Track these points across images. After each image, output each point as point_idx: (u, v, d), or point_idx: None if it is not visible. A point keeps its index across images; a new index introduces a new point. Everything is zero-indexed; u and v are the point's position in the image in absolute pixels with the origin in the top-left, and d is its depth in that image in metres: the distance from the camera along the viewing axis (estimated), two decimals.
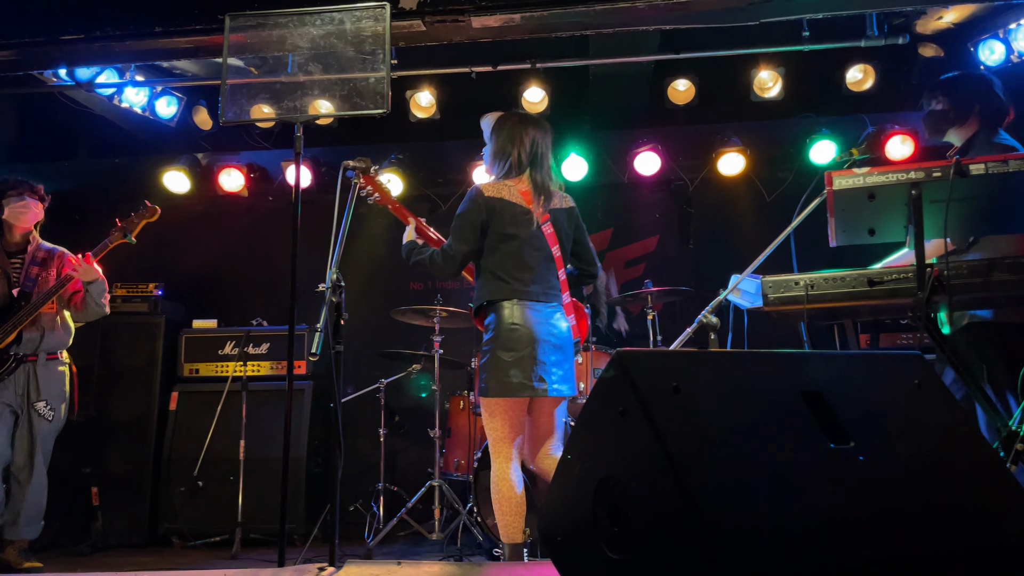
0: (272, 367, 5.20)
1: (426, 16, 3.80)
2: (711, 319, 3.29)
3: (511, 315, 3.11)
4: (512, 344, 3.07)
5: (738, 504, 1.53)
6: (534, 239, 3.23)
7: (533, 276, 3.19)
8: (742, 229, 6.02)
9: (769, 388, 1.80)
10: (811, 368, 1.92)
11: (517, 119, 3.39)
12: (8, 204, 4.07)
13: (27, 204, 4.09)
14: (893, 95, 5.37)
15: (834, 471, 1.68)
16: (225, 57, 3.48)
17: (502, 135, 3.35)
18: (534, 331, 3.10)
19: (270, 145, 6.19)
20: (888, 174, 2.63)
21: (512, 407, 3.11)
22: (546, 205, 3.28)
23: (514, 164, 3.30)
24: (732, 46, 4.80)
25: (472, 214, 3.20)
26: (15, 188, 4.08)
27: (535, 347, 3.08)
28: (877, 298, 2.69)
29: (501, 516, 3.09)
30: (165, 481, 4.96)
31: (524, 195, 3.26)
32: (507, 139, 3.33)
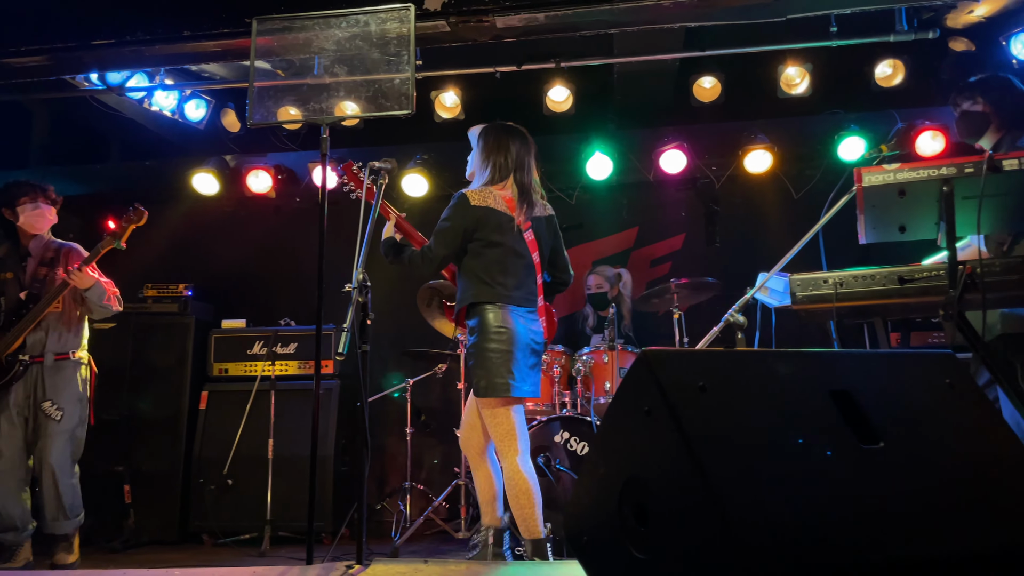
0: (300, 367, 5.25)
1: (450, 17, 3.81)
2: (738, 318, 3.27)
3: (496, 318, 3.21)
4: (499, 345, 3.18)
5: (765, 505, 1.52)
6: (517, 245, 3.35)
7: (516, 282, 3.31)
8: (769, 227, 5.96)
9: (797, 387, 1.78)
10: (840, 367, 1.90)
11: (502, 129, 3.52)
12: (23, 211, 4.08)
13: (42, 212, 4.10)
14: (923, 90, 5.30)
15: (863, 472, 1.67)
16: (252, 60, 3.51)
17: (488, 144, 3.47)
18: (517, 335, 3.22)
19: (297, 147, 6.25)
20: (919, 170, 2.60)
21: (511, 402, 3.21)
22: (528, 213, 3.40)
23: (499, 171, 3.41)
24: (758, 42, 4.76)
25: (458, 220, 3.28)
26: (28, 194, 4.08)
27: (517, 350, 3.21)
28: (908, 296, 2.66)
29: (520, 511, 3.15)
30: (195, 479, 5.02)
31: (508, 202, 3.37)
32: (492, 147, 3.45)
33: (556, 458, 4.11)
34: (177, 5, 4.06)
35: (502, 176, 3.41)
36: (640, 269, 6.13)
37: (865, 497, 1.62)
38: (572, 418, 4.22)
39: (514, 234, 3.34)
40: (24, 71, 4.35)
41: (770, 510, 1.51)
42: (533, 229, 3.42)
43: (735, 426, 1.65)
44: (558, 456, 4.12)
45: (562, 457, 4.12)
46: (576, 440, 4.14)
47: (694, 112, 5.56)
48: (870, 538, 1.55)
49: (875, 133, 5.37)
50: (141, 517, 4.93)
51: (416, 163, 5.87)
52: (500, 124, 3.55)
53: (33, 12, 4.18)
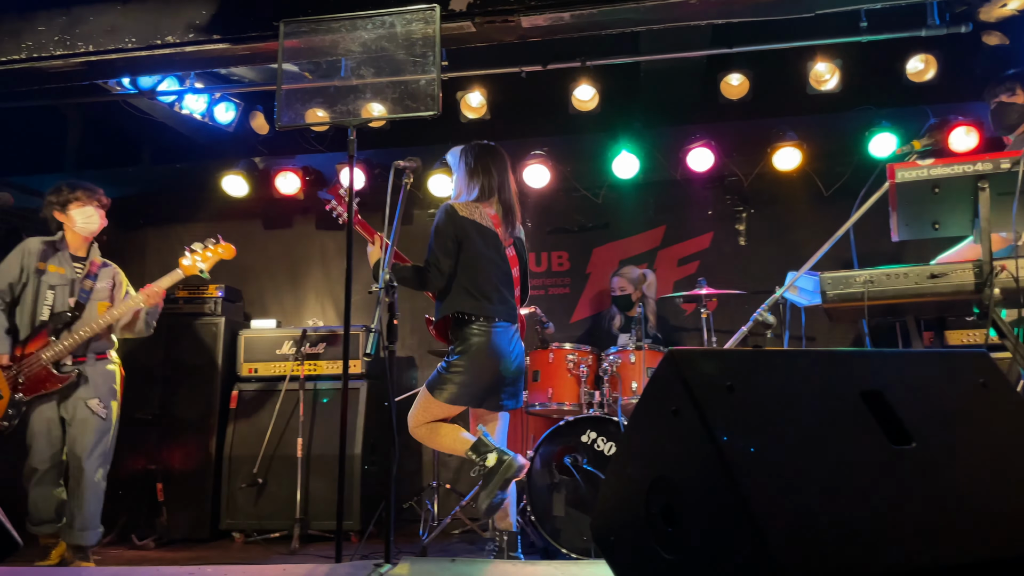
0: (328, 366, 5.28)
1: (476, 17, 3.81)
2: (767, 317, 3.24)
3: (480, 331, 3.33)
4: (482, 359, 3.31)
5: (794, 506, 1.50)
6: (501, 261, 3.48)
7: (500, 296, 3.42)
8: (799, 225, 5.90)
9: (826, 387, 1.76)
10: (870, 367, 1.87)
11: (483, 150, 3.60)
12: (77, 212, 4.11)
13: (93, 215, 4.15)
14: (956, 85, 5.21)
15: (895, 473, 1.64)
16: (280, 63, 3.54)
17: (471, 165, 3.56)
18: (500, 349, 3.35)
19: (324, 148, 6.30)
20: (953, 166, 2.56)
21: (453, 410, 3.37)
22: (511, 231, 3.53)
23: (484, 189, 3.51)
24: (787, 38, 4.70)
25: (449, 229, 3.38)
26: (83, 198, 4.13)
27: (499, 364, 3.35)
28: (941, 294, 2.61)
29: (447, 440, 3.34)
30: (226, 478, 5.07)
31: (493, 219, 3.47)
32: (476, 168, 3.54)
33: (583, 458, 4.10)
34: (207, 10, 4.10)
35: (489, 195, 3.52)
36: (667, 268, 6.09)
37: (897, 498, 1.60)
38: (599, 418, 4.21)
39: (499, 249, 3.47)
40: (59, 76, 4.42)
41: (799, 511, 1.50)
42: (514, 245, 3.58)
43: (763, 426, 1.64)
44: (585, 456, 4.11)
45: (589, 457, 4.11)
46: (603, 440, 4.13)
47: (722, 109, 5.51)
48: (901, 541, 1.53)
49: (907, 129, 5.29)
50: (173, 515, 4.99)
51: (442, 164, 5.89)
52: (480, 144, 3.64)
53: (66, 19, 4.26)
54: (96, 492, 3.99)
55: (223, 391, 5.30)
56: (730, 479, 1.50)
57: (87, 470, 3.94)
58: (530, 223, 6.31)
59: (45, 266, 4.06)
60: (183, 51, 4.16)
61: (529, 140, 5.99)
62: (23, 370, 3.91)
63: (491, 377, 3.35)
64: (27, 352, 3.94)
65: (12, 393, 3.89)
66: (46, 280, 4.04)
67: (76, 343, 3.96)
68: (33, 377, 3.91)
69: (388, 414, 3.02)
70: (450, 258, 3.35)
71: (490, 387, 3.37)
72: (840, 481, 1.58)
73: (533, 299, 6.07)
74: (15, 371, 3.90)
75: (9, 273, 4.02)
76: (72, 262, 4.14)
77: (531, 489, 4.14)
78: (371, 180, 5.98)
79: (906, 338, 3.63)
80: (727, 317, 5.75)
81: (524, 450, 4.65)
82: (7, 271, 4.03)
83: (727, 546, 1.53)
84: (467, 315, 3.33)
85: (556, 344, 4.59)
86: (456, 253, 3.36)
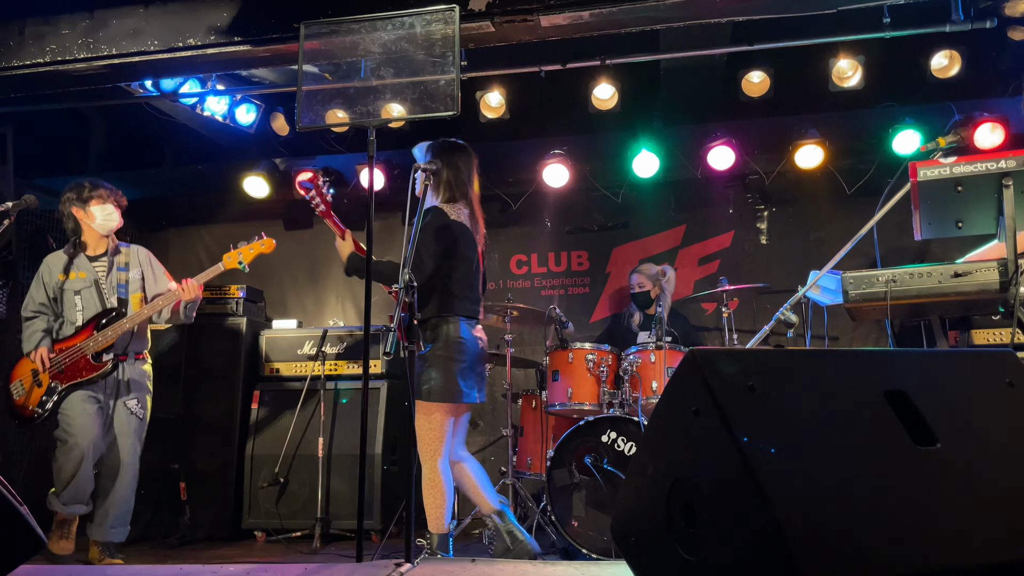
0: (349, 366, 5.31)
1: (495, 17, 3.81)
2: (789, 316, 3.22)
3: (459, 329, 3.45)
4: (461, 355, 3.44)
5: (816, 507, 1.49)
6: (476, 261, 3.62)
7: (475, 295, 3.59)
8: (821, 223, 5.86)
9: (849, 387, 1.75)
10: (894, 367, 1.85)
11: (453, 147, 3.67)
12: (98, 209, 4.16)
13: (113, 213, 4.20)
14: (981, 81, 5.15)
15: (919, 474, 1.62)
16: (300, 64, 3.56)
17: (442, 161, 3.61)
18: (476, 345, 3.52)
19: (344, 149, 6.33)
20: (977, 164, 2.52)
21: (452, 411, 3.47)
22: (478, 229, 3.64)
23: (457, 189, 3.61)
24: (809, 35, 4.66)
25: (440, 231, 3.48)
26: (104, 195, 4.18)
27: (475, 359, 3.52)
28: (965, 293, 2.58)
29: (435, 508, 3.43)
30: (248, 477, 5.11)
31: (468, 218, 3.58)
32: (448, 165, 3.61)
33: (604, 458, 4.10)
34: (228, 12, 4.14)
35: (461, 194, 3.61)
36: (688, 267, 6.06)
37: (921, 500, 1.58)
38: (619, 418, 4.20)
39: (475, 248, 3.59)
40: (82, 79, 4.48)
41: (822, 512, 1.48)
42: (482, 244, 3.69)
43: (785, 427, 1.62)
44: (605, 456, 4.10)
45: (609, 457, 4.10)
46: (623, 440, 4.12)
47: (742, 107, 5.48)
48: (924, 542, 1.51)
49: (931, 126, 5.23)
50: (196, 513, 5.04)
51: None
52: (450, 142, 3.70)
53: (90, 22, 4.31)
54: (131, 491, 4.11)
55: (245, 391, 5.34)
56: (751, 480, 1.49)
57: (124, 469, 4.06)
58: (549, 222, 6.32)
59: (66, 276, 4.14)
60: (205, 53, 4.19)
61: (548, 139, 5.99)
62: (64, 361, 4.01)
63: (471, 370, 3.48)
64: (70, 344, 4.04)
65: (51, 382, 3.99)
66: (71, 287, 4.13)
67: (118, 335, 4.04)
68: (72, 367, 4.00)
69: (408, 413, 3.04)
70: (435, 260, 3.44)
71: (471, 380, 3.49)
72: (863, 482, 1.57)
73: (553, 298, 6.07)
74: (58, 361, 4.01)
75: (37, 295, 4.15)
76: (91, 262, 4.20)
77: (551, 489, 4.14)
78: (390, 180, 6.00)
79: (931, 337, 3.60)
80: (748, 317, 5.72)
81: (544, 449, 4.65)
82: (36, 295, 4.15)
83: (748, 547, 1.52)
84: (450, 315, 3.44)
85: (576, 344, 4.59)
86: (442, 255, 3.46)
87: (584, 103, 5.36)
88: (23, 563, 2.37)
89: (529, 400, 4.93)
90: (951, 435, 1.70)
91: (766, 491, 1.47)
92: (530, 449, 4.81)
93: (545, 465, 4.31)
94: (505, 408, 4.75)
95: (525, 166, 6.04)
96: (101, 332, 4.03)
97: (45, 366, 3.98)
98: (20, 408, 4.02)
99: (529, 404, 4.92)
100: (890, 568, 1.45)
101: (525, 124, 5.82)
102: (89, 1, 4.29)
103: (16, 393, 4.04)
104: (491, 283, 6.24)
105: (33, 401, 3.99)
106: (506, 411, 4.73)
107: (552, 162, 5.71)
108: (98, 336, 4.02)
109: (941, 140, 3.09)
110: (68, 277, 4.14)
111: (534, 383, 5.22)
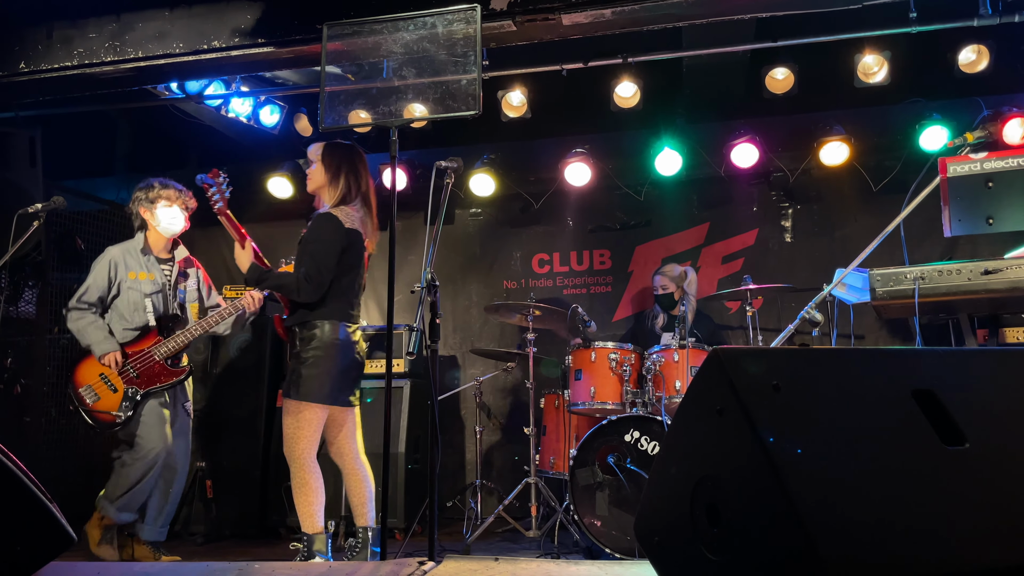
0: (372, 365, 5.33)
1: (516, 16, 3.81)
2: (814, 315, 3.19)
3: (343, 333, 3.46)
4: (342, 359, 3.44)
5: (843, 507, 1.47)
6: (361, 268, 3.63)
7: (355, 299, 3.59)
8: (847, 221, 5.79)
9: (876, 386, 1.72)
10: (922, 365, 1.82)
11: (346, 149, 3.68)
12: (164, 211, 4.19)
13: (179, 216, 4.23)
14: (1010, 76, 5.06)
15: (947, 474, 1.60)
16: (323, 65, 3.58)
17: (334, 163, 3.63)
18: (352, 349, 3.51)
19: (367, 149, 6.33)
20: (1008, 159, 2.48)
21: (322, 411, 3.43)
22: (369, 231, 3.62)
23: (350, 192, 3.59)
24: (833, 31, 4.61)
25: (337, 242, 3.45)
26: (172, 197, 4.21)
27: (351, 363, 3.50)
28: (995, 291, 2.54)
29: (307, 507, 3.41)
30: (273, 475, 5.15)
31: (360, 223, 3.57)
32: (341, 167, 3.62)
33: (627, 457, 4.08)
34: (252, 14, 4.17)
35: (352, 197, 3.59)
36: (712, 265, 6.02)
37: (948, 500, 1.56)
38: (643, 417, 4.18)
39: (363, 255, 3.59)
40: (109, 82, 4.54)
41: (848, 513, 1.47)
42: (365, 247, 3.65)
43: (811, 427, 1.61)
44: (629, 455, 4.09)
45: (633, 456, 4.08)
46: (647, 439, 4.10)
47: (766, 104, 5.43)
48: (952, 542, 1.49)
49: (959, 121, 5.15)
50: (222, 511, 5.08)
51: (483, 163, 5.91)
52: (343, 144, 3.71)
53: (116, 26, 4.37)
54: (181, 491, 4.20)
55: (270, 390, 5.38)
56: (777, 480, 1.48)
57: (179, 470, 4.13)
58: (571, 221, 6.30)
59: (136, 275, 4.13)
60: (229, 55, 4.23)
61: (570, 138, 5.97)
62: (136, 366, 4.01)
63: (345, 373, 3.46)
64: (138, 349, 4.04)
65: (127, 387, 3.98)
66: (139, 288, 4.11)
67: (186, 343, 4.08)
68: (147, 372, 4.01)
69: (431, 412, 3.04)
70: (331, 273, 3.43)
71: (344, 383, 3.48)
72: (889, 482, 1.55)
73: (575, 297, 6.05)
74: (129, 367, 4.00)
75: (100, 286, 4.08)
76: (159, 264, 4.22)
77: (574, 488, 4.13)
78: (413, 180, 6.02)
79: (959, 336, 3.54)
80: (773, 315, 5.67)
81: (566, 448, 4.64)
82: (98, 283, 4.08)
83: (773, 548, 1.50)
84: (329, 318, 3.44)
85: (598, 343, 4.58)
86: (335, 266, 3.44)
87: (606, 101, 5.35)
88: (53, 559, 2.40)
89: (552, 399, 4.93)
90: (980, 435, 1.68)
91: (791, 491, 1.45)
92: (553, 448, 4.80)
93: (568, 464, 4.30)
94: (526, 406, 4.75)
95: (547, 165, 6.04)
96: (172, 338, 4.05)
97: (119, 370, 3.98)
98: (98, 413, 3.96)
99: (552, 403, 4.92)
100: (918, 568, 1.43)
101: (547, 123, 5.81)
102: (115, 4, 4.34)
103: (89, 398, 3.97)
104: (512, 282, 6.25)
105: (112, 406, 3.95)
106: (527, 409, 4.72)
107: (574, 161, 5.70)
108: (169, 343, 4.05)
109: (969, 136, 3.04)
110: (138, 276, 4.13)
111: (557, 383, 5.21)
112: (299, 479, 3.42)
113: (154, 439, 3.97)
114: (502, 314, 5.05)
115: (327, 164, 3.64)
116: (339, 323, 3.47)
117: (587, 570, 2.88)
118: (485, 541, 4.75)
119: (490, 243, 6.33)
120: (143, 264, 4.17)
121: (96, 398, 3.97)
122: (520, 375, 5.37)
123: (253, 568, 2.90)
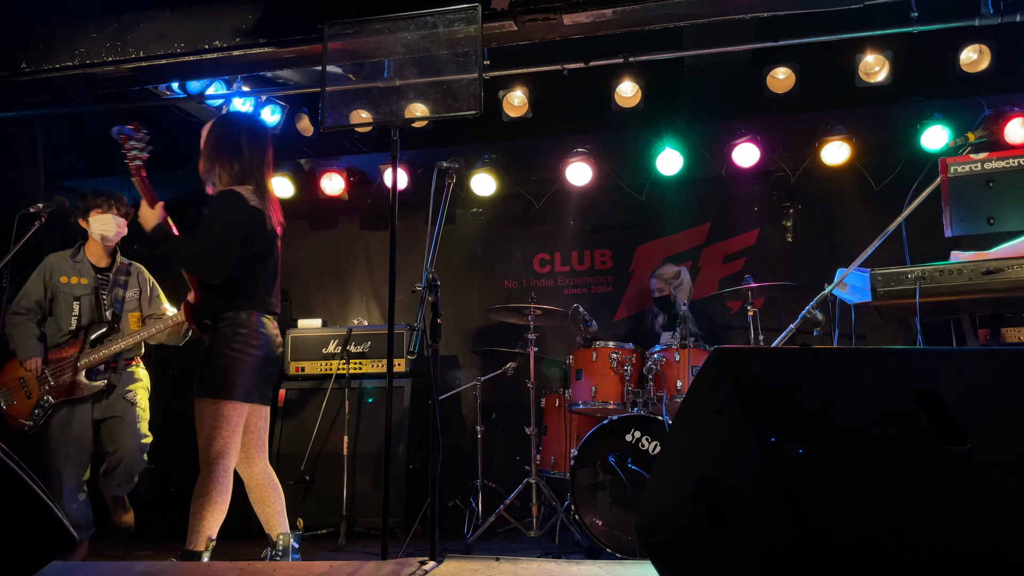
0: (373, 365, 5.34)
1: (518, 16, 3.81)
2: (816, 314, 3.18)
3: (260, 326, 3.13)
4: (262, 353, 3.11)
5: (844, 507, 1.47)
6: (276, 252, 3.28)
7: (274, 290, 3.26)
8: (848, 220, 5.79)
9: (878, 387, 1.72)
10: (924, 366, 1.82)
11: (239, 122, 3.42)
12: (95, 219, 4.20)
13: (110, 223, 4.21)
14: (1012, 76, 5.06)
15: (950, 474, 1.60)
16: (324, 65, 3.58)
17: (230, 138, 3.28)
18: (275, 345, 3.20)
19: (368, 149, 6.36)
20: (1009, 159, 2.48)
21: (240, 410, 3.10)
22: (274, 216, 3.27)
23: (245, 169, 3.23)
24: (835, 30, 4.61)
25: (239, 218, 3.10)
26: (103, 205, 4.21)
27: (268, 358, 3.17)
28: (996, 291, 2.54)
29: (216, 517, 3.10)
30: None
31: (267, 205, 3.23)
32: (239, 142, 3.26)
33: (628, 457, 4.08)
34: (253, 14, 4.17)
35: (250, 175, 3.24)
36: (713, 265, 6.02)
37: (950, 499, 1.56)
38: (644, 417, 4.18)
39: (275, 239, 3.26)
40: (111, 82, 4.54)
41: (849, 513, 1.47)
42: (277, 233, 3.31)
43: (812, 427, 1.61)
44: (630, 455, 4.09)
45: (634, 456, 4.08)
46: (648, 439, 4.10)
47: (767, 104, 5.42)
48: (955, 543, 1.49)
49: (960, 121, 5.15)
50: None
51: (484, 163, 5.91)
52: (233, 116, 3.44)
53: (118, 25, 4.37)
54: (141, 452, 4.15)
55: None
56: (778, 479, 1.48)
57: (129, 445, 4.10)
58: (572, 221, 6.30)
59: (68, 279, 4.18)
60: (230, 55, 4.23)
61: (571, 138, 5.97)
62: (55, 373, 4.03)
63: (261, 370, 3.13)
64: (61, 356, 4.06)
65: (40, 395, 4.01)
66: (70, 291, 4.16)
67: (111, 354, 4.10)
68: (63, 382, 4.03)
69: (432, 412, 3.04)
70: (236, 253, 3.07)
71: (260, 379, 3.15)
72: (892, 482, 1.55)
73: (576, 297, 6.05)
74: (47, 373, 4.03)
75: (35, 291, 4.16)
76: (95, 272, 4.25)
77: (575, 488, 4.13)
78: (414, 180, 6.02)
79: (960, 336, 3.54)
80: (774, 315, 5.67)
81: (567, 448, 4.64)
82: (33, 290, 4.16)
83: (776, 548, 1.50)
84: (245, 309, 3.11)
85: (599, 343, 4.58)
86: (241, 246, 3.08)
87: (607, 101, 5.34)
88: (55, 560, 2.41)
89: (553, 399, 4.93)
90: (982, 435, 1.68)
91: (793, 492, 1.45)
92: (554, 448, 4.80)
93: (569, 464, 4.30)
94: (527, 406, 4.75)
95: (548, 165, 6.04)
96: (94, 349, 4.08)
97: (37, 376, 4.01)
98: (9, 418, 4.01)
99: (553, 403, 4.92)
100: (919, 568, 1.43)
101: (548, 123, 5.81)
102: (116, 4, 4.35)
103: (4, 402, 4.04)
104: (514, 282, 6.25)
105: (22, 412, 4.00)
106: (530, 410, 4.72)
107: (575, 160, 5.70)
108: (90, 353, 4.07)
109: (971, 135, 3.04)
110: (70, 280, 4.17)
111: (557, 382, 5.21)
112: (212, 484, 3.06)
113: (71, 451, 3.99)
114: (503, 314, 5.05)
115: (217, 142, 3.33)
116: (257, 313, 3.14)
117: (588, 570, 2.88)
118: (486, 541, 4.75)
119: (491, 243, 6.33)
120: (76, 269, 4.22)
121: (11, 402, 4.03)
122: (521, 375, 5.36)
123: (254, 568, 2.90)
